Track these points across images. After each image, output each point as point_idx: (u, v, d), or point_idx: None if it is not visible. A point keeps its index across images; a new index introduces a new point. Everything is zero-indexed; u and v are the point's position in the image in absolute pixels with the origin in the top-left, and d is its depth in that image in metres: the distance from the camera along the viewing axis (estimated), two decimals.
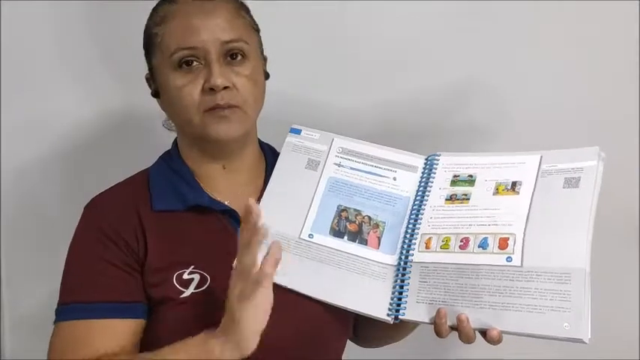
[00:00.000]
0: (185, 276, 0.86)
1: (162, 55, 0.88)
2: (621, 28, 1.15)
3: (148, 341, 0.87)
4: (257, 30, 0.94)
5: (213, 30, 0.86)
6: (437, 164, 0.94)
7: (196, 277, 0.86)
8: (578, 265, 0.77)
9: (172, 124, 0.96)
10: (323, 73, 1.22)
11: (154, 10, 0.91)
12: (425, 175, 0.94)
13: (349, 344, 1.02)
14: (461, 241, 0.85)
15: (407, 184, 0.94)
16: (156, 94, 0.94)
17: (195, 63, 0.86)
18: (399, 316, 0.85)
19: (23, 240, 1.29)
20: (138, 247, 0.86)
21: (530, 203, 0.84)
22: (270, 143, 1.02)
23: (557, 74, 1.17)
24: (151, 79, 0.94)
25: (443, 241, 0.86)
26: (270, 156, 0.99)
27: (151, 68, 0.93)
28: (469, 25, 1.19)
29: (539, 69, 1.18)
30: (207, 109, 0.86)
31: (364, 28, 1.21)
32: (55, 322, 0.88)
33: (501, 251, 0.82)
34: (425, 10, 1.19)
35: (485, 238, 0.84)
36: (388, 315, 0.86)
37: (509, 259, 0.81)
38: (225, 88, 0.86)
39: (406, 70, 1.21)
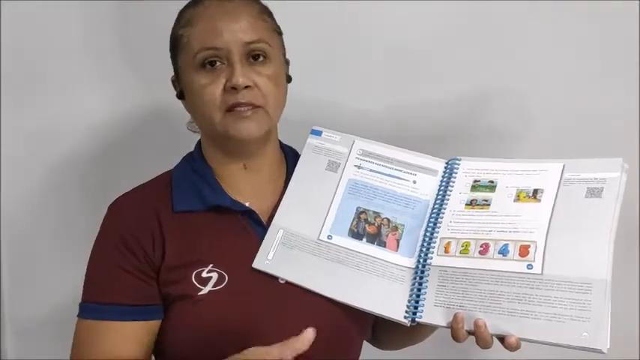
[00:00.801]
0: (204, 274, 0.87)
1: (187, 56, 0.89)
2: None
3: (164, 337, 0.88)
4: (280, 33, 0.95)
5: (235, 31, 0.87)
6: (457, 168, 0.94)
7: (215, 275, 0.87)
8: (599, 275, 0.77)
9: (196, 126, 0.97)
10: (342, 75, 1.23)
11: (181, 13, 0.92)
12: (445, 179, 0.94)
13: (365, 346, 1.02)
14: (481, 246, 0.85)
15: (427, 187, 0.95)
16: (181, 95, 0.95)
17: (218, 63, 0.88)
18: (416, 319, 0.85)
19: (25, 240, 1.30)
20: (154, 253, 0.88)
21: (552, 211, 0.84)
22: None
23: (576, 77, 1.19)
24: (177, 80, 0.95)
25: (462, 246, 0.87)
26: (291, 157, 1.00)
27: (176, 70, 0.94)
28: (488, 27, 1.20)
29: (558, 72, 1.19)
30: (228, 108, 0.87)
31: (386, 29, 1.21)
32: (77, 317, 0.90)
33: (522, 258, 0.82)
34: (446, 11, 1.19)
35: (506, 245, 0.84)
36: (405, 317, 0.86)
37: (529, 266, 0.81)
38: (247, 87, 0.87)
39: (428, 74, 1.21)
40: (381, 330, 1.03)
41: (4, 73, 1.24)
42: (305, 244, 0.91)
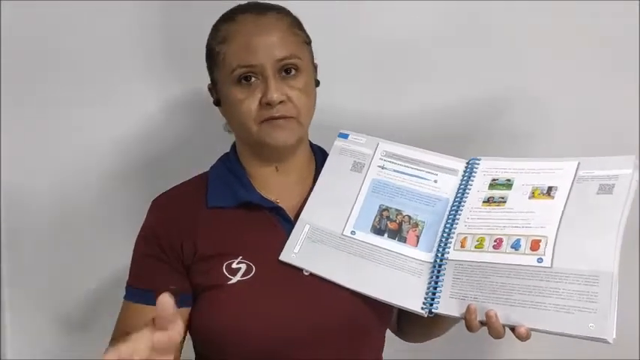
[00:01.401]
0: (234, 265, 0.93)
1: (224, 71, 0.95)
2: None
3: (194, 324, 0.95)
4: (309, 43, 1.01)
5: (269, 48, 0.93)
6: (477, 168, 0.98)
7: (243, 266, 0.93)
8: (606, 268, 0.79)
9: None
10: (362, 80, 1.27)
11: (216, 28, 0.98)
12: (465, 178, 0.98)
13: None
14: (494, 241, 0.89)
15: (447, 186, 0.99)
16: (217, 102, 1.02)
17: (253, 79, 0.94)
18: (433, 310, 0.90)
19: (26, 240, 1.34)
20: (182, 249, 0.95)
21: (564, 207, 0.87)
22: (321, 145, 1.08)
23: (587, 77, 1.21)
24: (214, 89, 1.02)
25: (477, 241, 0.90)
26: (320, 157, 1.05)
27: (213, 80, 1.01)
28: (497, 27, 1.23)
29: (569, 72, 1.21)
30: (263, 120, 0.94)
31: (405, 32, 1.25)
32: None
33: (533, 252, 0.85)
34: (455, 12, 1.23)
35: (518, 240, 0.87)
36: (422, 309, 0.90)
37: (540, 260, 0.84)
38: (281, 102, 0.93)
39: (446, 76, 1.25)
40: (405, 322, 1.08)
41: (28, 74, 1.29)
42: (330, 238, 0.97)
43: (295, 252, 0.96)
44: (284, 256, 0.96)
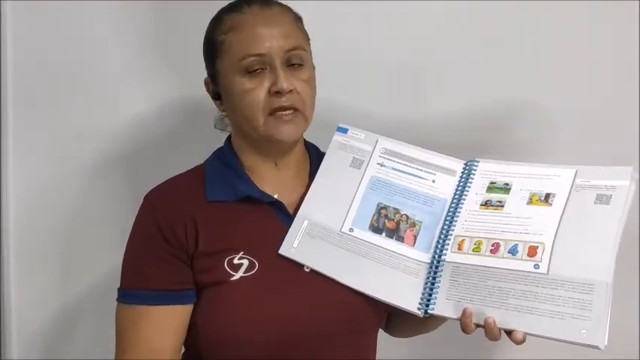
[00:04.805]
0: (235, 261, 0.93)
1: (230, 60, 0.94)
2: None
3: (197, 321, 0.94)
4: (309, 39, 1.00)
5: (277, 38, 0.93)
6: (475, 170, 0.99)
7: (245, 262, 0.93)
8: (601, 277, 0.82)
9: (225, 125, 1.04)
10: (363, 81, 1.27)
11: (218, 19, 0.97)
12: (463, 180, 0.99)
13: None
14: (492, 245, 0.91)
15: (445, 186, 1.00)
16: (216, 96, 1.00)
17: (260, 70, 0.93)
18: (429, 311, 0.91)
19: (30, 240, 1.33)
20: (187, 240, 0.93)
21: (562, 215, 0.89)
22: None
23: (589, 83, 1.22)
24: (212, 82, 1.00)
25: (475, 244, 0.92)
26: (314, 154, 1.06)
27: (212, 72, 0.99)
28: (502, 33, 1.24)
29: (571, 79, 1.22)
30: (271, 111, 0.93)
31: (409, 37, 1.25)
32: (117, 301, 0.96)
33: (530, 258, 0.87)
34: (464, 26, 1.24)
35: (516, 245, 0.89)
36: (418, 309, 0.92)
37: (536, 266, 0.86)
38: (290, 91, 0.93)
39: (450, 85, 1.26)
40: (395, 318, 1.10)
41: (38, 73, 1.29)
42: (328, 235, 0.97)
43: (294, 247, 0.96)
44: (283, 250, 0.96)
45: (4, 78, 1.28)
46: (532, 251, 0.87)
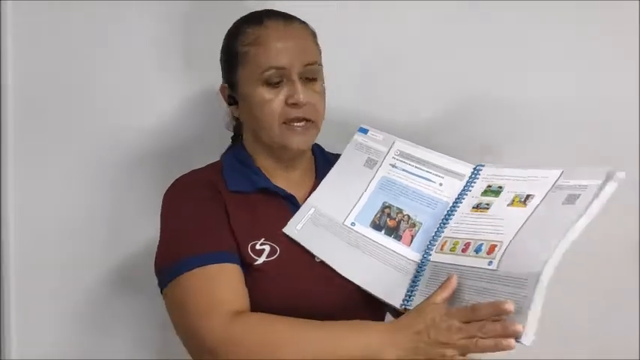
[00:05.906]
0: (258, 246, 1.00)
1: (252, 71, 1.02)
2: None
3: None
4: (321, 54, 1.09)
5: (297, 53, 1.02)
6: (480, 174, 1.00)
7: (267, 248, 1.01)
8: (534, 269, 0.79)
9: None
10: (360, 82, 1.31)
11: (241, 31, 1.05)
12: (468, 184, 1.01)
13: None
14: (464, 245, 0.91)
15: (451, 190, 1.02)
16: (232, 102, 1.10)
17: (280, 80, 1.02)
18: (406, 307, 0.95)
19: (32, 239, 1.34)
20: (228, 214, 1.01)
21: (530, 215, 0.87)
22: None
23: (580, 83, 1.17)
24: (229, 89, 1.09)
25: (452, 245, 0.93)
26: (318, 154, 1.14)
27: (231, 80, 1.07)
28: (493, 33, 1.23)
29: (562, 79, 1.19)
30: (286, 120, 1.03)
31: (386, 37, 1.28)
32: (172, 278, 0.96)
33: (487, 256, 0.87)
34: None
35: (481, 244, 0.89)
36: (401, 305, 0.96)
37: (490, 263, 0.85)
38: (305, 103, 1.03)
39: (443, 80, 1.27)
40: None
41: (55, 74, 1.31)
42: (331, 225, 1.04)
43: (298, 229, 1.04)
44: (287, 229, 1.03)
45: (4, 78, 1.30)
46: (491, 249, 0.87)
